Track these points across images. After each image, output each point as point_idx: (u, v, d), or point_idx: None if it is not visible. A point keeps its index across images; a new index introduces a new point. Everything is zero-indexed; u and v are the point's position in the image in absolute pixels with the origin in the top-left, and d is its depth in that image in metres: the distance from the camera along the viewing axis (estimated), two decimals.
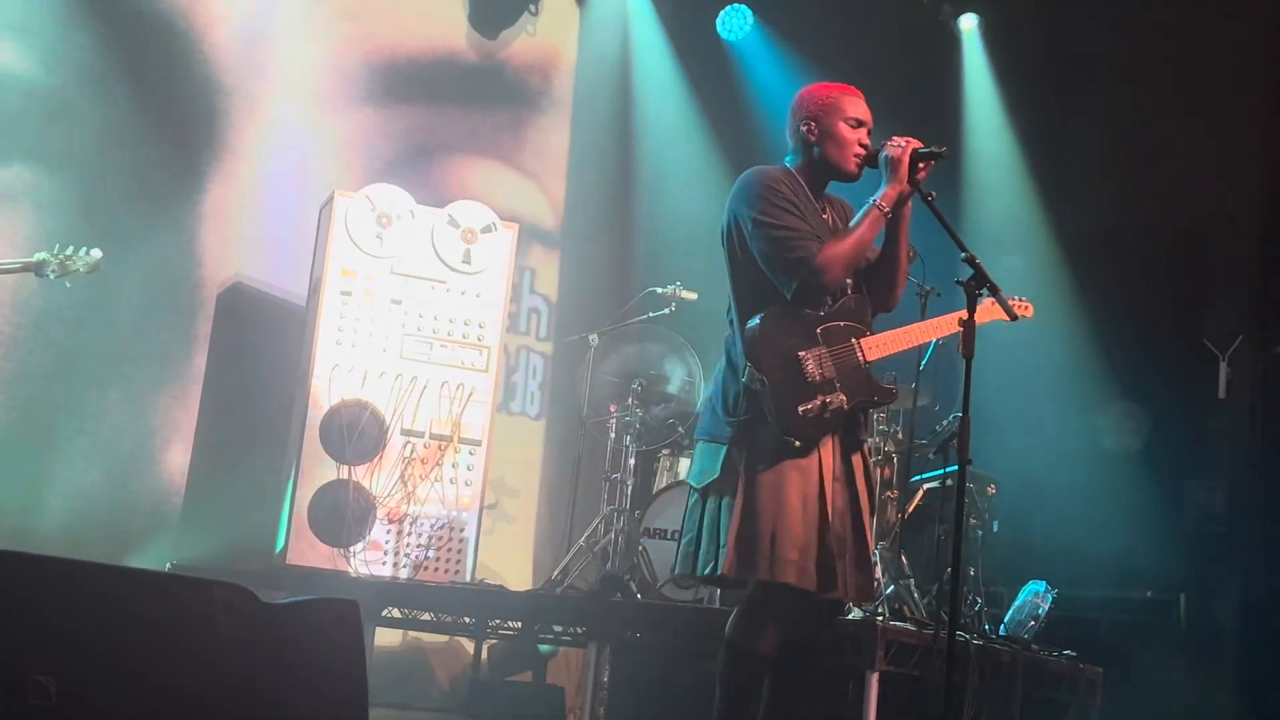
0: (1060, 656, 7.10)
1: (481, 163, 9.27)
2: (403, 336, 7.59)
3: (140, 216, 7.68)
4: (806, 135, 4.47)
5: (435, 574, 7.50)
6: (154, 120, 7.89)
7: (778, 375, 4.26)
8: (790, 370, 4.27)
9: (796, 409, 4.23)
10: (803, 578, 4.21)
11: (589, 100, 9.91)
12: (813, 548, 4.23)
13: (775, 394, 4.24)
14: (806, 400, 4.25)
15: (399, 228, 7.63)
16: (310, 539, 7.29)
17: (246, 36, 8.30)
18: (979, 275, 4.24)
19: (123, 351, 7.78)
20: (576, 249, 9.78)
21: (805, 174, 4.48)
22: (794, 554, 4.20)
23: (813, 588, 4.22)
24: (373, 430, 7.47)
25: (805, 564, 4.21)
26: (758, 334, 4.31)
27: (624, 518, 7.74)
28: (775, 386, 4.24)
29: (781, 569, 4.20)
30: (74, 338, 7.58)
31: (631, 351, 8.41)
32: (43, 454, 7.50)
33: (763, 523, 4.22)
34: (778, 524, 4.21)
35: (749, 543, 4.22)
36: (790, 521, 4.22)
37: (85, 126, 7.61)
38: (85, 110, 7.62)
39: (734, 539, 4.24)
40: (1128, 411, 8.55)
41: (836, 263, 4.28)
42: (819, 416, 4.26)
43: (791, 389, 4.25)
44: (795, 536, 4.21)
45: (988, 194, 9.35)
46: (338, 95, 8.73)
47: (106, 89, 7.69)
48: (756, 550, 4.21)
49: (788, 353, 4.28)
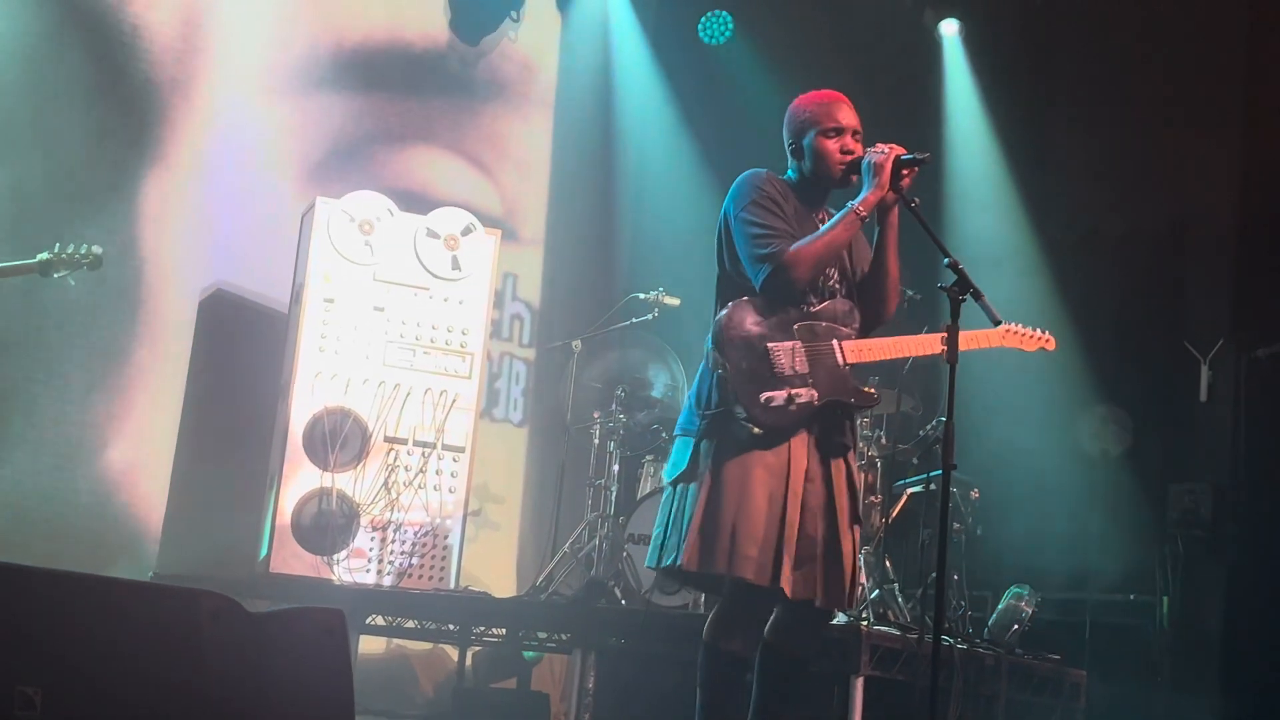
0: (1044, 660, 7.11)
1: (463, 169, 9.27)
2: (385, 343, 7.57)
3: (95, 221, 7.54)
4: (792, 150, 4.53)
5: (419, 581, 7.49)
6: (99, 118, 7.83)
7: (744, 363, 4.27)
8: (756, 358, 4.29)
9: (758, 396, 4.24)
10: (760, 574, 4.20)
11: (571, 106, 9.91)
12: (773, 545, 4.22)
13: (738, 379, 4.26)
14: (772, 389, 4.26)
15: (381, 234, 7.61)
16: (294, 547, 7.27)
17: (203, 32, 8.26)
18: (962, 281, 4.25)
19: (103, 359, 7.76)
20: (559, 255, 9.78)
21: (799, 183, 4.52)
22: (753, 550, 4.20)
23: (766, 583, 4.21)
24: (356, 437, 7.45)
25: (764, 560, 4.21)
26: (725, 323, 4.34)
27: (608, 524, 7.74)
28: (739, 374, 4.26)
29: (740, 564, 4.20)
30: (52, 345, 7.56)
31: (615, 357, 8.42)
32: (19, 462, 7.47)
33: (725, 517, 4.22)
34: (739, 519, 4.21)
35: (709, 536, 4.23)
36: (753, 517, 4.21)
37: (18, 124, 7.53)
38: (18, 108, 7.54)
39: (695, 531, 4.24)
40: (1109, 415, 8.57)
41: (804, 261, 4.30)
42: (784, 407, 4.26)
43: (756, 376, 4.27)
44: (756, 533, 4.21)
45: (970, 199, 9.37)
46: (315, 99, 8.72)
47: (46, 86, 7.62)
48: (716, 544, 4.21)
49: (756, 342, 4.30)
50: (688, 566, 4.25)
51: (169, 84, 8.12)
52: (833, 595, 4.34)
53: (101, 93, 7.87)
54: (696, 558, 4.24)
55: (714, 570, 4.24)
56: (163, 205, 8.03)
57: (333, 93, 8.77)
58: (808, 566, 4.27)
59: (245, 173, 8.32)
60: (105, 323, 7.77)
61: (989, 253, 8.90)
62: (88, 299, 7.54)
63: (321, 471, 7.36)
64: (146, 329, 7.97)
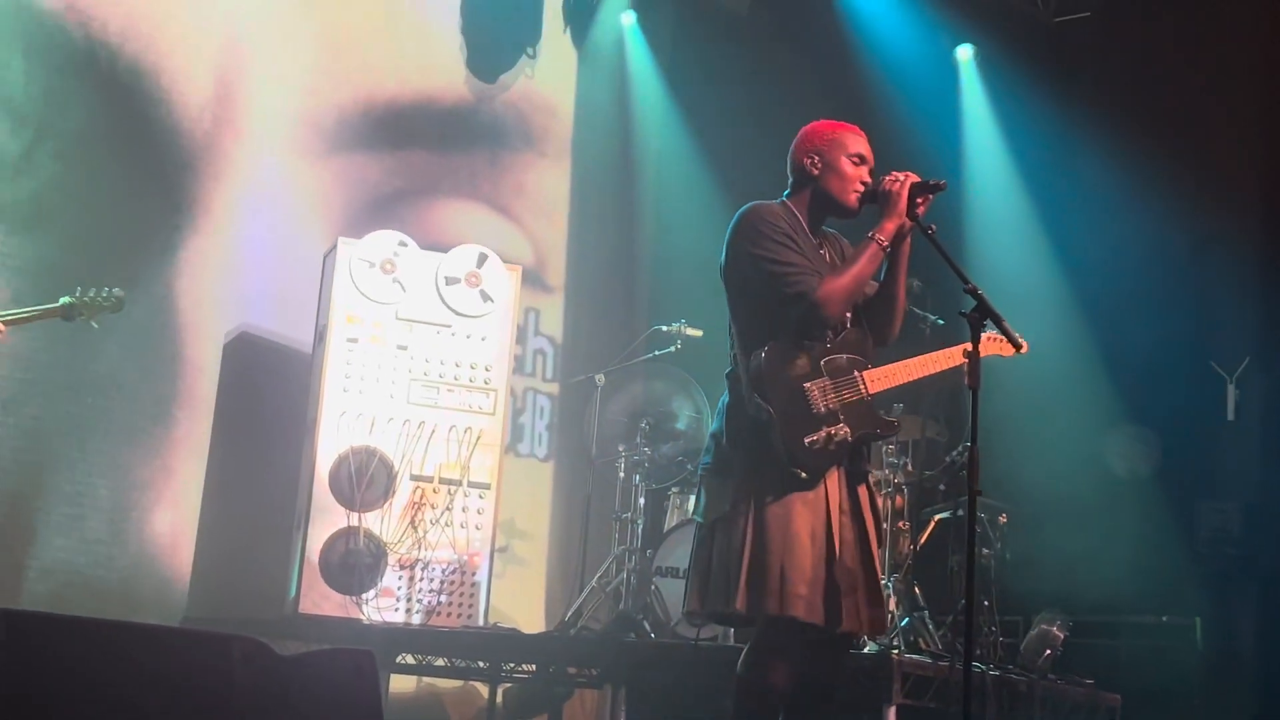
0: (1078, 685, 7.07)
1: (482, 207, 9.30)
2: (409, 381, 7.59)
3: (124, 272, 7.49)
4: (810, 168, 4.50)
5: (448, 619, 7.49)
6: (130, 176, 7.89)
7: (784, 406, 4.27)
8: (796, 401, 4.28)
9: (803, 440, 4.24)
10: (811, 612, 4.21)
11: (589, 140, 9.94)
12: (821, 581, 4.24)
13: (781, 425, 4.25)
14: (812, 432, 4.26)
15: (402, 273, 7.65)
16: (322, 587, 7.28)
17: (228, 84, 8.32)
18: (982, 306, 4.24)
19: (131, 406, 7.80)
20: (580, 290, 9.80)
21: (803, 208, 4.51)
22: (803, 588, 4.20)
23: (820, 621, 4.22)
24: (382, 476, 7.47)
25: (814, 598, 4.22)
26: (763, 366, 4.32)
27: (635, 557, 7.73)
28: (781, 417, 4.25)
29: (791, 603, 4.19)
30: (77, 391, 7.61)
31: (638, 390, 8.42)
32: (50, 510, 7.51)
33: (772, 558, 4.21)
34: (786, 558, 4.21)
35: (759, 578, 4.22)
36: (799, 556, 4.22)
37: (54, 187, 7.60)
38: (52, 170, 7.62)
39: (745, 575, 4.23)
40: (1137, 436, 8.54)
41: (836, 297, 4.31)
42: (824, 448, 4.27)
43: (797, 420, 4.27)
44: (804, 571, 4.21)
45: (990, 223, 9.37)
46: (335, 142, 8.76)
47: (75, 148, 7.70)
48: (767, 586, 4.21)
49: (793, 384, 4.30)
50: (740, 609, 4.24)
51: (200, 141, 8.18)
52: (874, 623, 4.36)
53: (132, 150, 7.93)
54: (746, 600, 4.23)
55: (765, 611, 4.23)
56: (191, 258, 8.07)
57: (358, 148, 8.81)
58: (850, 598, 4.28)
59: (272, 224, 8.37)
60: (134, 371, 7.80)
61: (1010, 276, 8.88)
62: (116, 349, 7.59)
63: (348, 511, 7.38)
64: (172, 376, 8.00)
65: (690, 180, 9.84)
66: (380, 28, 9.00)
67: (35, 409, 7.45)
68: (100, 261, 7.49)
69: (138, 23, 7.98)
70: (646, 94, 9.98)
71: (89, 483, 7.63)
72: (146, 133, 8.01)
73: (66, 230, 7.60)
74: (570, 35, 9.91)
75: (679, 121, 9.95)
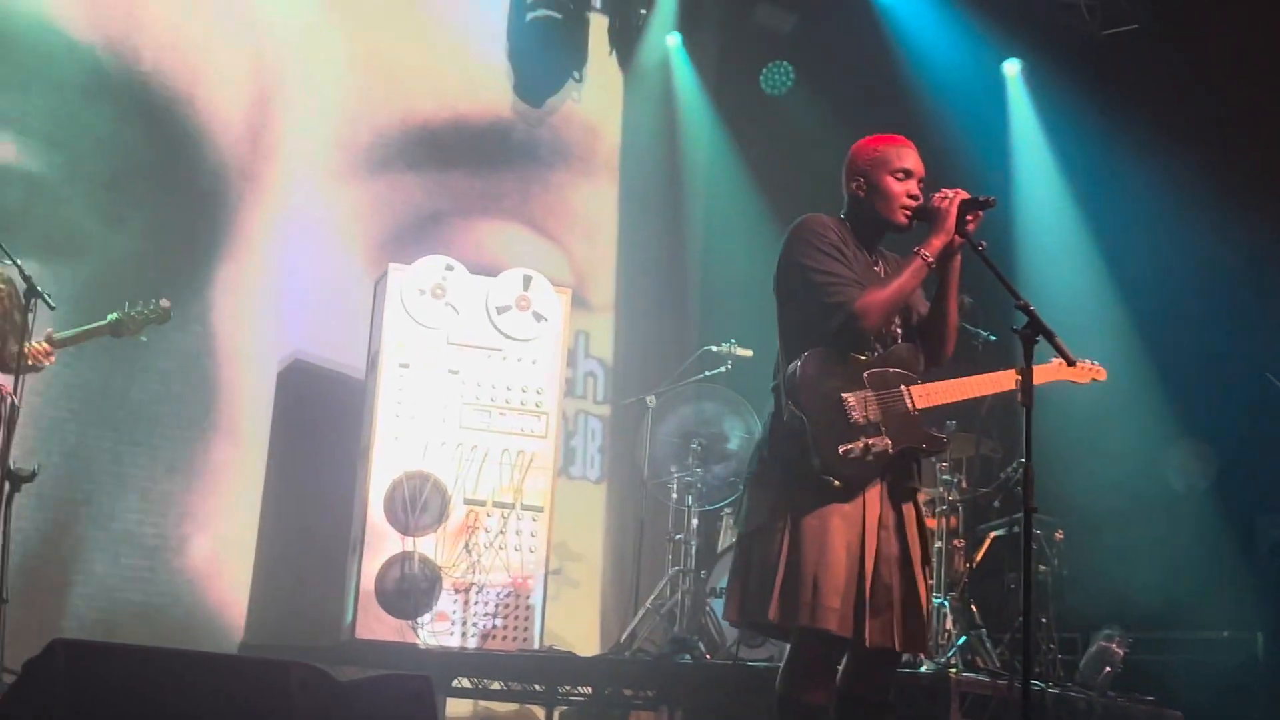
0: (1138, 702, 7.00)
1: (532, 238, 9.33)
2: (461, 406, 7.62)
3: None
4: (856, 190, 4.49)
5: (503, 642, 7.50)
6: (168, 204, 7.99)
7: (819, 415, 4.25)
8: (832, 410, 4.26)
9: (837, 448, 4.22)
10: (843, 625, 4.18)
11: (636, 163, 9.97)
12: (853, 595, 4.21)
13: (815, 432, 4.23)
14: (848, 441, 4.24)
15: (453, 298, 7.68)
16: (378, 612, 7.31)
17: (264, 111, 8.41)
18: (1034, 323, 4.21)
19: (185, 435, 7.87)
20: (630, 311, 9.82)
21: (857, 226, 4.50)
22: (836, 601, 4.17)
23: (849, 634, 4.19)
24: (435, 501, 7.49)
25: (846, 611, 4.18)
26: (800, 374, 4.31)
27: (689, 578, 7.72)
28: (816, 425, 4.24)
29: (823, 616, 4.17)
30: (137, 421, 7.69)
31: (689, 411, 8.41)
32: (106, 541, 7.58)
33: (806, 570, 4.19)
34: (820, 571, 4.19)
35: (793, 589, 4.20)
36: (833, 569, 4.19)
37: (91, 217, 7.69)
38: (90, 200, 7.71)
39: (779, 585, 4.21)
40: (1194, 450, 8.46)
41: (875, 308, 4.29)
42: (861, 458, 4.24)
43: (832, 428, 4.24)
44: (838, 584, 4.18)
45: (1040, 240, 9.32)
46: (376, 166, 8.83)
47: (112, 178, 7.80)
48: (800, 597, 4.19)
49: (830, 393, 4.28)
50: (773, 620, 4.23)
51: (239, 171, 8.28)
52: (910, 640, 4.32)
53: (174, 181, 8.04)
54: (779, 610, 4.22)
55: (797, 623, 4.22)
56: (237, 287, 8.16)
57: (401, 170, 8.88)
58: (885, 614, 4.25)
59: (317, 250, 8.44)
60: (186, 400, 7.89)
61: (1062, 291, 8.83)
62: (167, 377, 7.67)
63: (402, 536, 7.41)
64: (226, 405, 8.07)
65: (739, 199, 9.84)
66: (423, 53, 9.07)
67: (78, 437, 7.53)
68: (139, 290, 7.52)
69: (172, 53, 8.09)
70: (693, 114, 10.00)
71: (139, 510, 7.71)
72: (184, 161, 8.11)
73: (106, 260, 7.68)
74: (616, 58, 9.94)
75: (726, 140, 9.97)
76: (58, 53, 7.68)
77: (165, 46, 8.05)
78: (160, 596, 7.70)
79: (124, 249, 7.76)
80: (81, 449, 7.53)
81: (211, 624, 7.77)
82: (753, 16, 9.88)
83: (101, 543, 7.56)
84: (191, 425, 7.93)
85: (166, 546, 7.77)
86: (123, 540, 7.64)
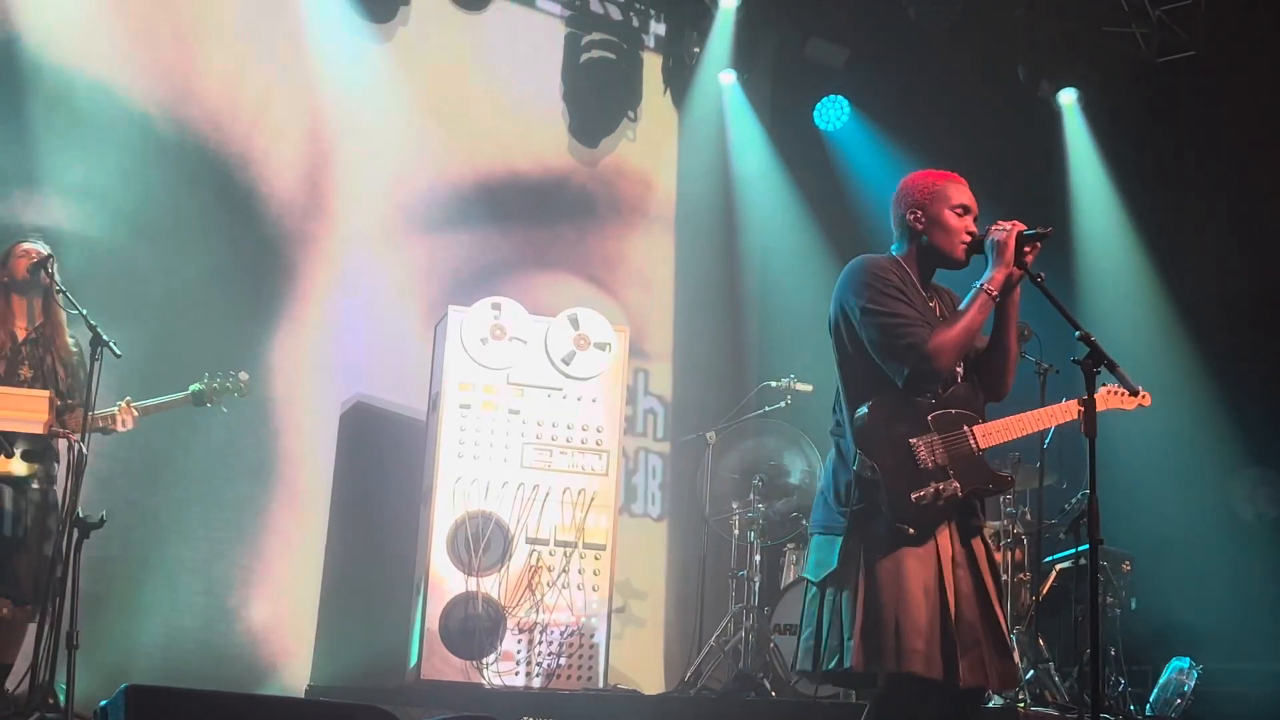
0: None
1: (586, 280, 9.35)
2: (522, 445, 7.65)
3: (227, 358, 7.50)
4: (913, 224, 4.46)
5: (568, 681, 7.49)
6: (226, 264, 8.06)
7: (889, 462, 4.23)
8: (902, 457, 4.24)
9: (910, 496, 4.20)
10: (930, 667, 4.14)
11: (692, 202, 9.99)
12: (938, 636, 4.17)
13: (888, 481, 4.21)
14: (919, 487, 4.21)
15: (513, 339, 7.72)
16: (443, 652, 7.32)
17: (319, 168, 8.49)
18: (1095, 353, 4.19)
19: (250, 480, 7.95)
20: (689, 347, 9.82)
21: (912, 262, 4.47)
22: (920, 643, 4.14)
23: (940, 676, 4.14)
24: (498, 540, 7.51)
25: (932, 653, 4.14)
26: (867, 422, 4.29)
27: (753, 615, 7.70)
28: (887, 474, 4.21)
29: (909, 659, 4.13)
30: (202, 469, 7.78)
31: (750, 447, 8.41)
32: (176, 586, 7.66)
33: (885, 613, 4.16)
34: (900, 614, 4.15)
35: (874, 635, 4.16)
36: (913, 611, 4.16)
37: (150, 278, 7.78)
38: (149, 261, 7.80)
39: (859, 632, 4.17)
40: (1261, 478, 8.37)
41: (947, 349, 4.26)
42: (933, 504, 4.22)
43: (904, 476, 4.22)
44: (919, 625, 4.15)
45: (1100, 269, 9.27)
46: (445, 212, 8.91)
47: (172, 242, 7.88)
48: (882, 642, 4.15)
49: (899, 440, 4.26)
50: (855, 667, 4.18)
51: (298, 229, 8.37)
52: (1004, 676, 4.27)
53: (231, 246, 8.10)
54: (862, 657, 4.16)
55: (883, 669, 4.17)
56: (298, 342, 8.24)
57: (457, 223, 8.94)
58: (974, 653, 4.20)
59: (376, 303, 8.51)
60: (250, 446, 7.97)
61: (1123, 318, 8.78)
62: (229, 428, 7.74)
63: (466, 576, 7.43)
64: (288, 450, 8.14)
65: (794, 234, 9.85)
66: (479, 103, 9.13)
67: (147, 485, 7.62)
68: (199, 351, 7.60)
69: (230, 115, 8.20)
70: (747, 150, 10.02)
71: (205, 555, 7.78)
72: (243, 220, 8.19)
73: (165, 319, 7.75)
74: (670, 96, 9.99)
75: (780, 175, 9.97)
76: (117, 117, 7.80)
77: (223, 110, 8.16)
78: (226, 640, 7.75)
79: (184, 310, 7.85)
80: (150, 497, 7.61)
81: (278, 668, 7.82)
82: (805, 52, 9.90)
83: (168, 588, 7.63)
84: (254, 471, 8.00)
85: (232, 592, 7.84)
86: (189, 585, 7.71)
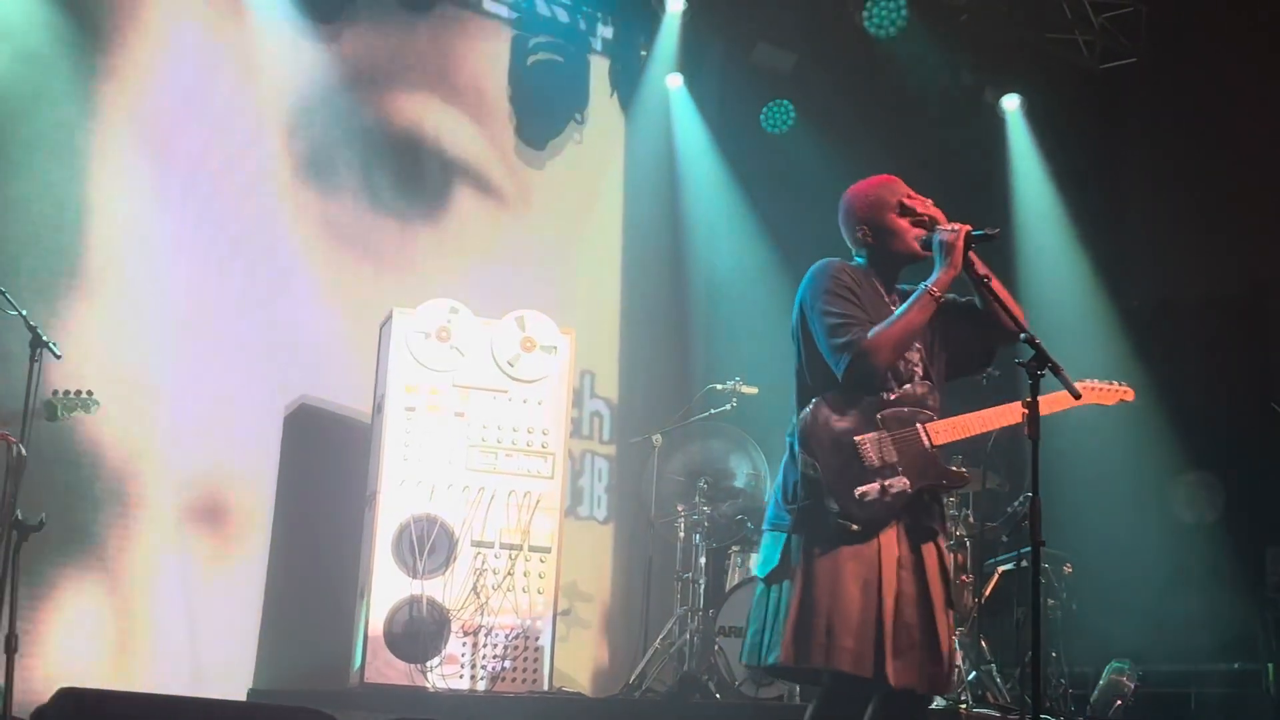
0: None
1: (535, 271, 9.33)
2: (468, 448, 7.62)
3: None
4: (865, 239, 4.50)
5: (513, 684, 7.48)
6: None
7: (833, 460, 4.24)
8: (845, 454, 4.25)
9: (853, 492, 4.22)
10: (859, 665, 4.15)
11: (639, 203, 9.99)
12: (871, 634, 4.18)
13: (830, 478, 4.23)
14: (864, 483, 4.23)
15: (457, 340, 7.69)
16: (387, 656, 7.29)
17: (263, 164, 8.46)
18: (1039, 355, 4.21)
19: (191, 483, 7.88)
20: (635, 351, 9.82)
21: (875, 270, 4.50)
22: (850, 641, 4.15)
23: (869, 675, 4.16)
24: (443, 543, 7.49)
25: (862, 650, 4.15)
26: (809, 420, 4.31)
27: (698, 617, 7.70)
28: (828, 470, 4.23)
29: (837, 656, 4.15)
30: (141, 470, 7.71)
31: (695, 449, 8.42)
32: (113, 583, 7.58)
33: (819, 609, 4.18)
34: (833, 611, 4.17)
35: (804, 630, 4.18)
36: (846, 608, 4.17)
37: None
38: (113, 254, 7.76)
39: (791, 627, 4.20)
40: (1201, 482, 8.46)
41: (884, 346, 4.28)
42: (879, 500, 4.23)
43: (847, 472, 4.24)
44: (852, 624, 4.16)
45: (1042, 273, 9.34)
46: (391, 213, 8.86)
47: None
48: (811, 637, 4.17)
49: (842, 437, 4.27)
50: (785, 662, 4.21)
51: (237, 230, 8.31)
52: (934, 681, 4.29)
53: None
54: (793, 652, 4.19)
55: (810, 663, 4.20)
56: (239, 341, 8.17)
57: (402, 217, 8.89)
58: (908, 654, 4.21)
59: (320, 302, 8.46)
60: (192, 447, 7.89)
61: (1064, 323, 8.84)
62: (171, 427, 7.68)
63: (411, 579, 7.40)
64: (231, 450, 8.07)
65: (741, 237, 9.87)
66: (425, 99, 9.10)
67: (84, 485, 7.53)
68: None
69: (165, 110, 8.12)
70: (694, 153, 10.03)
71: (146, 555, 7.70)
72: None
73: None
74: (617, 99, 9.98)
75: (727, 179, 9.99)
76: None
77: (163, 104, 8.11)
78: (168, 642, 7.67)
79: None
80: (86, 497, 7.53)
81: (221, 671, 7.74)
82: (752, 56, 9.92)
83: (107, 589, 7.55)
84: (197, 472, 7.92)
85: (175, 594, 7.75)
86: (129, 586, 7.63)
